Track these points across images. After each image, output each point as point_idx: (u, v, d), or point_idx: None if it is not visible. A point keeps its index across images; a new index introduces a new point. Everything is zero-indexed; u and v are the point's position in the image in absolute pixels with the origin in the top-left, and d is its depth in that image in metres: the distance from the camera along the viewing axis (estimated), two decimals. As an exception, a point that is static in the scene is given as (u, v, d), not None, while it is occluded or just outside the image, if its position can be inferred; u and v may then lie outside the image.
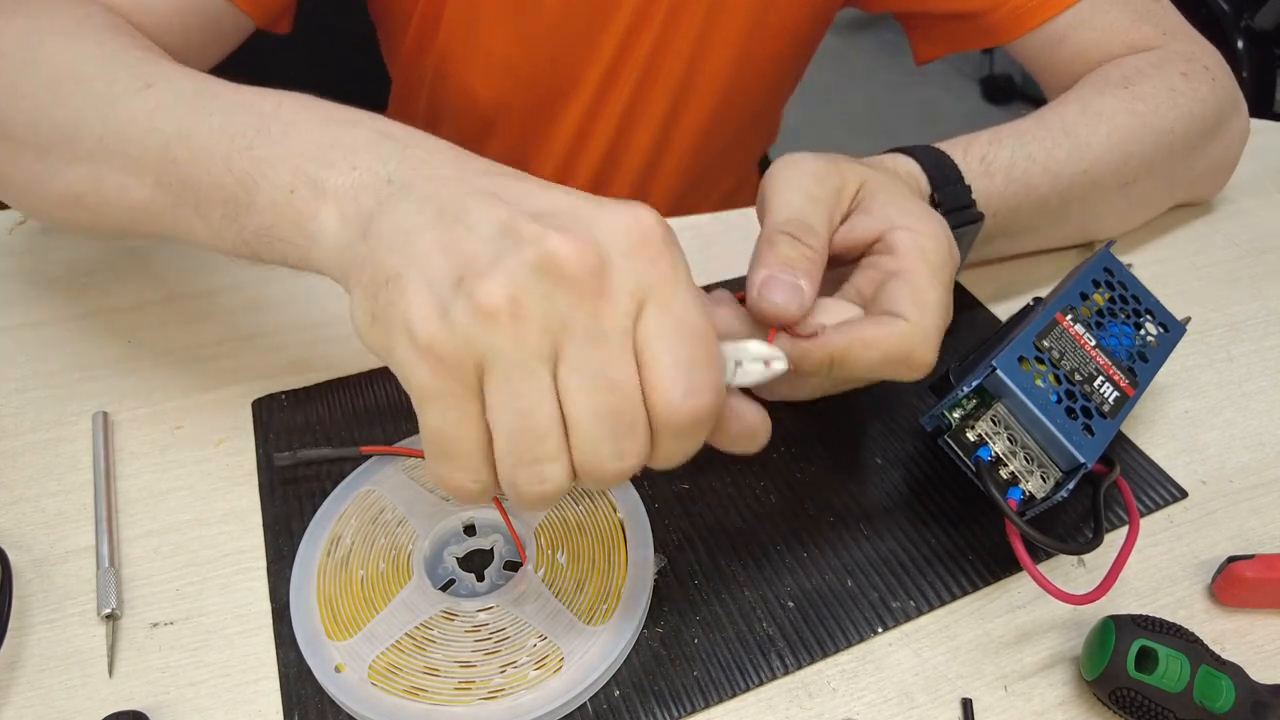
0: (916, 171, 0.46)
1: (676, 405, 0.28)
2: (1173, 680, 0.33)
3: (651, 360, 0.29)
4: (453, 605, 0.37)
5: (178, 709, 0.35)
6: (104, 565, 0.39)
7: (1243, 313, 0.55)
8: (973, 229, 0.47)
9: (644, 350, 0.29)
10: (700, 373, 0.29)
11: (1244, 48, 1.75)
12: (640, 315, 0.29)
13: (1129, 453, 0.46)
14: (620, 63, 0.68)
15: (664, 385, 0.28)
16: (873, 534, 0.42)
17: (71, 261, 0.55)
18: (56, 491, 0.43)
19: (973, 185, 0.48)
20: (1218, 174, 0.63)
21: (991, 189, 0.49)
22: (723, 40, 0.68)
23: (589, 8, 0.65)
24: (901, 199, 0.41)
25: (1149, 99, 0.55)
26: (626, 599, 0.38)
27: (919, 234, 0.39)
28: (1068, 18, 0.61)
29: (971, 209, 0.47)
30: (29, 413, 0.47)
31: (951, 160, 0.48)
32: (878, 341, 0.36)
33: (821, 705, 0.36)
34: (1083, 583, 0.40)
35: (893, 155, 0.47)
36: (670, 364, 0.28)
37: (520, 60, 0.67)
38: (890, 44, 2.72)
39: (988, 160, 0.50)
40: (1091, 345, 0.41)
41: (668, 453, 0.30)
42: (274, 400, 0.47)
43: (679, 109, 0.71)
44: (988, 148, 0.50)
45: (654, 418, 0.29)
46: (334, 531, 0.40)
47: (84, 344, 0.51)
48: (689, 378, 0.29)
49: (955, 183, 0.47)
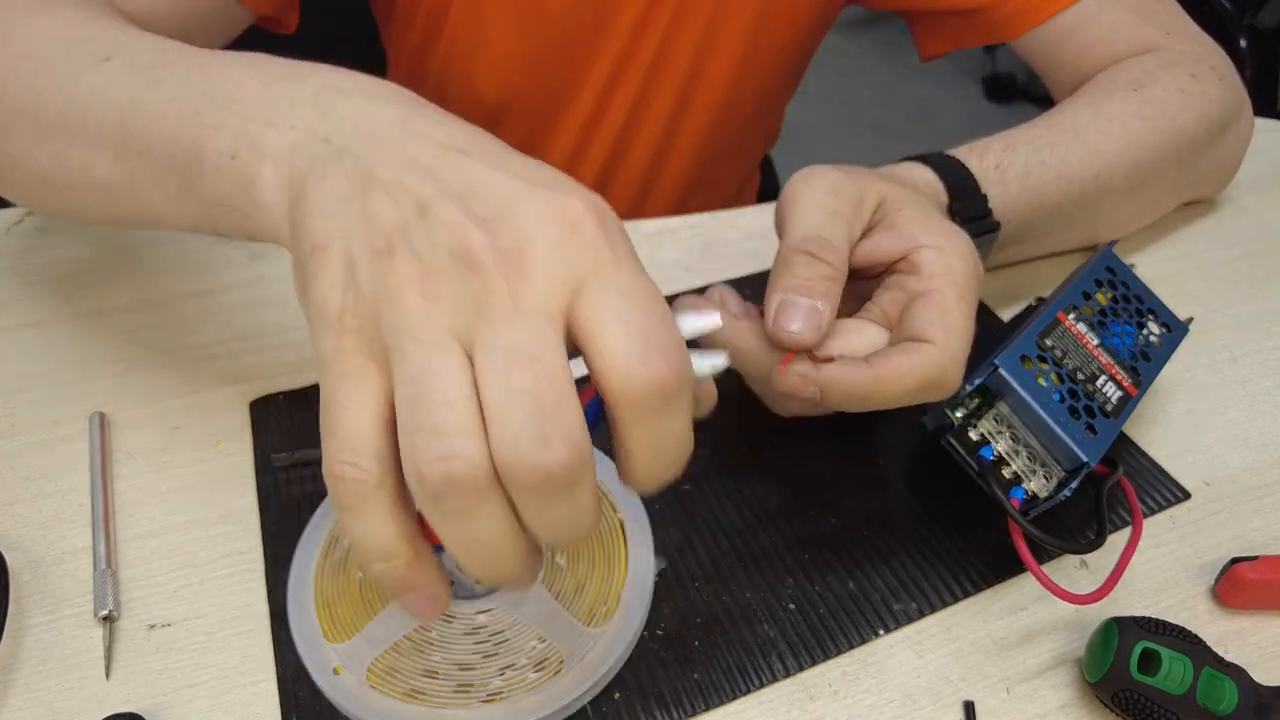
0: (935, 181, 0.46)
1: (636, 373, 0.25)
2: (1175, 682, 0.33)
3: (599, 333, 0.26)
4: (452, 607, 0.37)
5: (175, 711, 0.35)
6: (101, 566, 0.39)
7: (1246, 313, 0.55)
8: (989, 239, 0.47)
9: (587, 328, 0.26)
10: (658, 335, 0.26)
11: (1247, 46, 1.75)
12: (576, 299, 0.26)
13: (1131, 453, 0.46)
14: (626, 61, 0.68)
15: (617, 355, 0.25)
16: (874, 535, 0.41)
17: (69, 261, 0.55)
18: (53, 492, 0.43)
19: (989, 194, 0.47)
20: (1223, 173, 0.62)
21: (1006, 197, 0.48)
22: (728, 38, 0.68)
23: (596, 5, 0.65)
24: (925, 215, 0.40)
25: (1159, 101, 0.55)
26: (626, 601, 0.37)
27: (946, 253, 0.38)
28: (1073, 14, 0.60)
29: (989, 219, 0.47)
30: (26, 413, 0.46)
31: (968, 169, 0.47)
32: (911, 372, 0.36)
33: (823, 708, 0.36)
34: (1085, 583, 0.40)
35: (908, 165, 0.47)
36: (622, 332, 0.26)
37: (526, 58, 0.67)
38: (892, 42, 2.72)
39: (1002, 168, 0.49)
40: (1094, 345, 0.41)
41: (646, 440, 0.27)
42: (272, 401, 0.47)
43: (684, 107, 0.71)
44: (1002, 155, 0.49)
45: (613, 397, 0.26)
46: (332, 532, 0.40)
47: (81, 344, 0.50)
48: (645, 342, 0.26)
49: (973, 192, 0.47)
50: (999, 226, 0.47)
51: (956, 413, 0.39)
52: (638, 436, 0.27)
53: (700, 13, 0.66)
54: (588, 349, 0.26)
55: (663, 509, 0.42)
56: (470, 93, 0.70)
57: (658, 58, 0.68)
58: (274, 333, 0.51)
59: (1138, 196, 0.55)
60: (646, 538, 0.40)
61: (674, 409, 0.27)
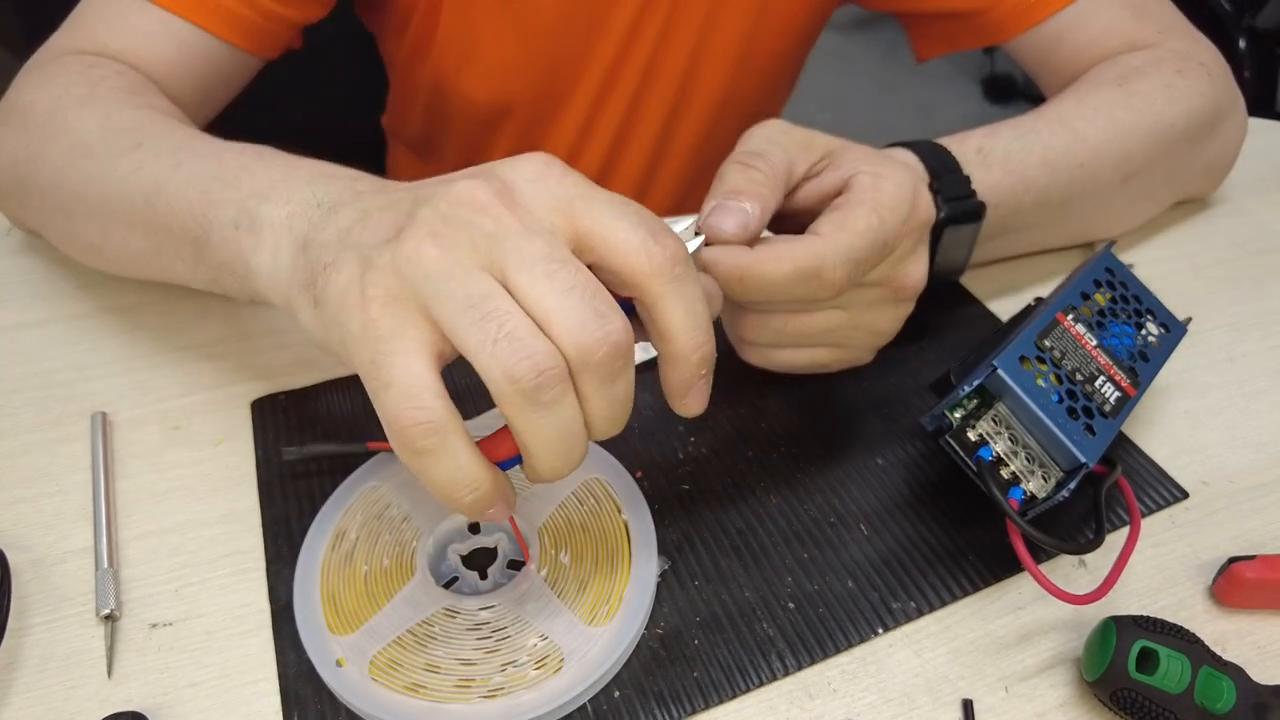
0: (914, 161, 0.46)
1: (654, 251, 0.30)
2: (1174, 681, 0.33)
3: (609, 234, 0.30)
4: (455, 603, 0.37)
5: (177, 710, 0.35)
6: (103, 566, 0.39)
7: (1244, 313, 0.55)
8: (974, 227, 0.47)
9: (595, 234, 0.30)
10: (654, 222, 0.30)
11: (1246, 47, 1.75)
12: (572, 221, 0.30)
13: (1130, 453, 0.46)
14: (621, 63, 0.68)
15: (633, 243, 0.30)
16: (873, 534, 0.42)
17: (70, 261, 0.55)
18: (55, 492, 0.43)
19: (971, 176, 0.48)
20: (1217, 171, 0.62)
21: (989, 180, 0.49)
22: (723, 39, 0.68)
23: (589, 9, 0.65)
24: (875, 154, 0.42)
25: (1145, 95, 0.55)
26: (629, 601, 0.37)
27: (880, 177, 0.40)
28: (1065, 16, 0.61)
29: (973, 199, 0.47)
30: (28, 413, 0.46)
31: (949, 151, 0.48)
32: (788, 255, 0.37)
33: (822, 706, 0.36)
34: (1083, 583, 0.40)
35: (890, 149, 0.48)
36: (628, 226, 0.30)
37: (519, 64, 0.68)
38: (891, 43, 2.72)
39: (984, 151, 0.50)
40: (1093, 345, 0.41)
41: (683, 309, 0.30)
42: (273, 401, 0.47)
43: (680, 109, 0.71)
44: (984, 140, 0.50)
45: (646, 280, 0.30)
46: (339, 526, 0.40)
47: (83, 344, 0.51)
48: (648, 229, 0.30)
49: (953, 171, 0.47)
50: (984, 207, 0.47)
51: (955, 413, 0.39)
52: (674, 308, 0.30)
53: (695, 15, 0.67)
54: (604, 251, 0.30)
55: (662, 508, 0.42)
56: (464, 100, 0.70)
57: (652, 61, 0.68)
58: (275, 333, 0.51)
59: (1129, 190, 0.55)
60: (650, 539, 0.40)
61: (691, 274, 0.31)
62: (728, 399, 0.48)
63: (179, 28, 0.53)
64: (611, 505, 0.41)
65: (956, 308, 0.55)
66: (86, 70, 0.50)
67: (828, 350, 0.44)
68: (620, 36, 0.67)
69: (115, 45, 0.52)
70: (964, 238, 0.48)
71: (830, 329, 0.43)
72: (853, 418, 0.47)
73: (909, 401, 0.48)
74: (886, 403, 0.48)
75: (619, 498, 0.41)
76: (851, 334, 0.44)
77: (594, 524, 0.40)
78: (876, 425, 0.47)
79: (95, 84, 0.49)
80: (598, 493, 0.42)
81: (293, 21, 0.57)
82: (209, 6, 0.53)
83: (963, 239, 0.48)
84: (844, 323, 0.43)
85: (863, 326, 0.44)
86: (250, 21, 0.55)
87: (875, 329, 0.44)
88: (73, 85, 0.50)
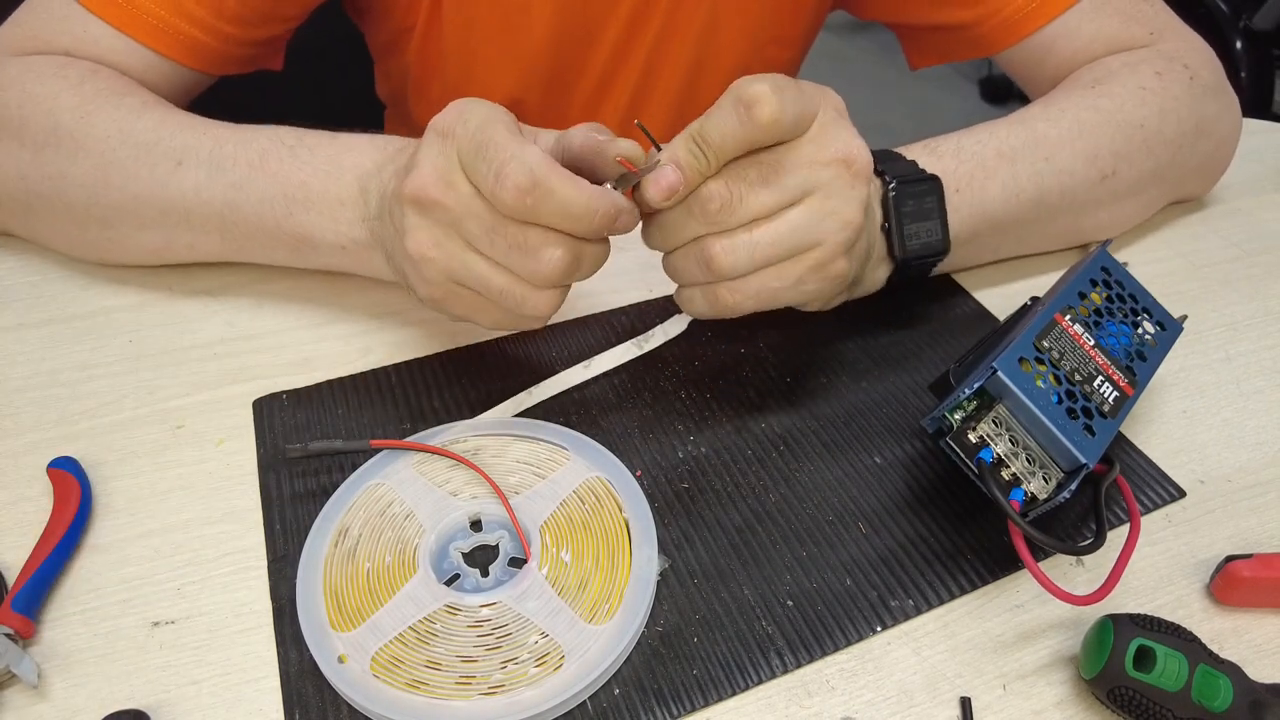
0: None
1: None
2: (1171, 679, 0.33)
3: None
4: (456, 600, 0.38)
5: (179, 708, 0.35)
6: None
7: (1241, 313, 0.56)
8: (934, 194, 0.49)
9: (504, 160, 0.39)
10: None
11: (1242, 48, 1.75)
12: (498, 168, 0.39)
13: (1127, 452, 0.46)
14: (611, 80, 0.69)
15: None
16: (872, 533, 0.42)
17: (71, 261, 0.55)
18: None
19: (916, 160, 0.50)
20: (1210, 171, 0.63)
21: (940, 165, 0.50)
22: (718, 53, 0.69)
23: (582, 28, 0.66)
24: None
25: (1115, 96, 0.55)
26: (629, 599, 0.38)
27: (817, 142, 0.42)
28: (1055, 28, 0.61)
29: (924, 176, 0.49)
30: (29, 412, 0.47)
31: (889, 149, 0.50)
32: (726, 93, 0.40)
33: (820, 704, 0.36)
34: (1082, 582, 0.41)
35: None
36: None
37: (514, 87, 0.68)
38: (888, 44, 2.70)
39: (931, 146, 0.52)
40: (1090, 345, 0.41)
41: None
42: (274, 400, 0.47)
43: (677, 124, 0.72)
44: (931, 141, 0.52)
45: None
46: (342, 523, 0.40)
47: (84, 344, 0.51)
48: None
49: (896, 157, 0.50)
50: (937, 180, 0.49)
51: (955, 415, 0.39)
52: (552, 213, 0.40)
53: (690, 29, 0.67)
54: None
55: (662, 507, 0.42)
56: None
57: (646, 75, 0.70)
58: (276, 332, 0.52)
59: (1109, 189, 0.55)
60: (651, 538, 0.40)
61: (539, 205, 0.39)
62: (728, 398, 0.48)
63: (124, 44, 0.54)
64: (612, 504, 0.41)
65: (955, 308, 0.55)
66: (60, 71, 0.51)
67: (806, 267, 0.43)
68: (612, 53, 0.67)
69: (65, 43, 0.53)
70: (929, 207, 0.48)
71: (797, 227, 0.42)
72: (852, 417, 0.47)
73: (908, 401, 0.48)
74: (886, 403, 0.48)
75: (619, 496, 0.42)
76: (820, 225, 0.42)
77: (595, 522, 0.41)
78: (876, 425, 0.47)
79: (81, 89, 0.51)
80: (598, 491, 0.42)
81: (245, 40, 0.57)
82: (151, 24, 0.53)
83: (928, 208, 0.48)
84: (809, 216, 0.42)
85: (830, 214, 0.42)
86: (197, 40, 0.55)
87: (844, 217, 0.43)
88: (62, 94, 0.50)
